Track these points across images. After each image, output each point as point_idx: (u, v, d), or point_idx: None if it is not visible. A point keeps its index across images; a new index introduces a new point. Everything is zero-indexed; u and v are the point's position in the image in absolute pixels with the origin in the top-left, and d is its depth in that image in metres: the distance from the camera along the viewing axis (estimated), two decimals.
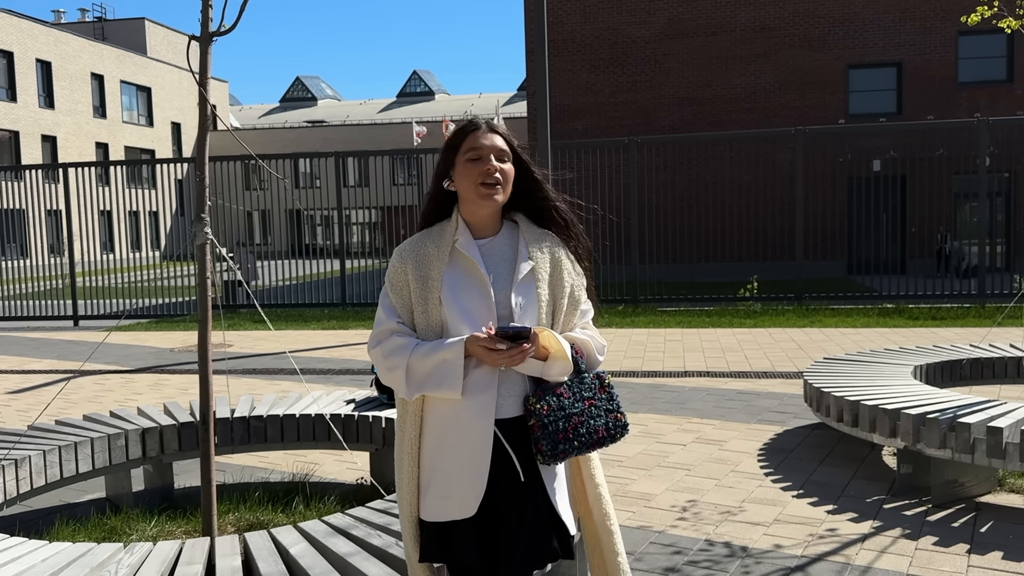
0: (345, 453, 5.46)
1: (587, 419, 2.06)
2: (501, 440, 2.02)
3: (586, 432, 2.05)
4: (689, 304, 14.28)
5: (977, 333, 10.09)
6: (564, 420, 2.02)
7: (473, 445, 2.01)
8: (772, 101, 21.26)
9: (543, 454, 2.02)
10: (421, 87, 69.40)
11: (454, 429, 2.03)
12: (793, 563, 3.70)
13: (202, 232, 3.77)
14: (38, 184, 15.40)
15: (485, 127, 2.12)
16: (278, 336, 12.11)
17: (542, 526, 2.03)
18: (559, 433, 2.01)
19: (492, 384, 2.02)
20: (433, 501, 2.06)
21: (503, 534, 2.02)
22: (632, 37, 21.80)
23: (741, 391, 7.45)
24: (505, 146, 2.10)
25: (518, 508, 2.02)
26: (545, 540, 2.03)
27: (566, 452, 2.03)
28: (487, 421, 2.01)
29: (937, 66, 20.76)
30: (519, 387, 2.07)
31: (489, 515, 2.03)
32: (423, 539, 2.09)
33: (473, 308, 2.05)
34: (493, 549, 2.03)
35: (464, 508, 2.02)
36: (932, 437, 4.31)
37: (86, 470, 4.31)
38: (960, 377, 6.21)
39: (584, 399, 2.07)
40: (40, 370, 9.81)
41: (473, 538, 2.02)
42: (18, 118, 36.73)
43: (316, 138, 45.45)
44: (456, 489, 2.02)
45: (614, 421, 2.11)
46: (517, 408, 2.06)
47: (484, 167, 2.05)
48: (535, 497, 2.04)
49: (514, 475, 2.02)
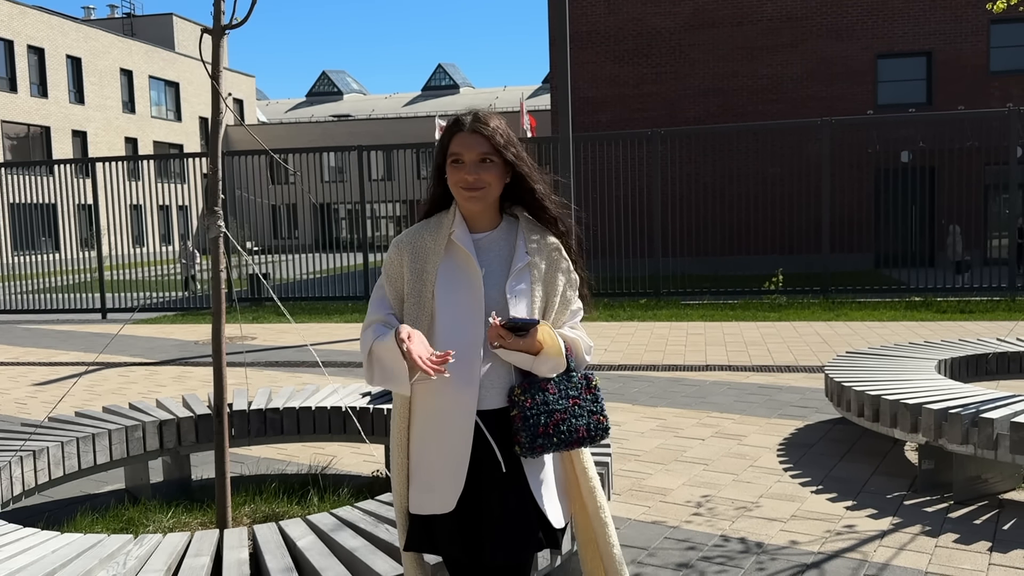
0: (363, 445, 5.48)
1: (569, 417, 2.05)
2: (483, 430, 2.02)
3: (567, 430, 2.04)
4: (712, 297, 14.16)
5: (1005, 327, 9.90)
6: (546, 415, 2.02)
7: (454, 439, 2.02)
8: (799, 92, 21.01)
9: (521, 445, 2.01)
10: (446, 80, 69.46)
11: (437, 422, 2.04)
12: (809, 560, 3.65)
13: (215, 225, 3.78)
14: (69, 179, 15.60)
15: (468, 128, 2.06)
16: (300, 329, 12.18)
17: (525, 517, 2.03)
18: (539, 427, 2.01)
19: (475, 379, 2.02)
20: (418, 494, 2.07)
21: (484, 524, 2.02)
22: (657, 28, 21.63)
23: (763, 385, 7.37)
24: (488, 147, 2.04)
25: (500, 498, 2.02)
26: (529, 530, 2.03)
27: (544, 447, 2.02)
28: (468, 415, 2.01)
29: (968, 55, 20.40)
30: (504, 379, 2.06)
31: (471, 507, 2.03)
32: (409, 530, 2.11)
33: (463, 302, 2.04)
34: (476, 540, 2.03)
35: (444, 503, 2.03)
36: (954, 432, 4.23)
37: (104, 461, 4.35)
38: (986, 372, 6.09)
39: (569, 397, 2.07)
40: (66, 362, 9.94)
41: (454, 530, 2.03)
42: (49, 113, 37.25)
43: (342, 132, 45.66)
44: (438, 482, 2.03)
45: (596, 423, 2.09)
46: (501, 399, 2.05)
47: (462, 175, 2.04)
48: (518, 488, 2.04)
49: (495, 466, 2.02)
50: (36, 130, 36.87)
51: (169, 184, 16.84)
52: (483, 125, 2.05)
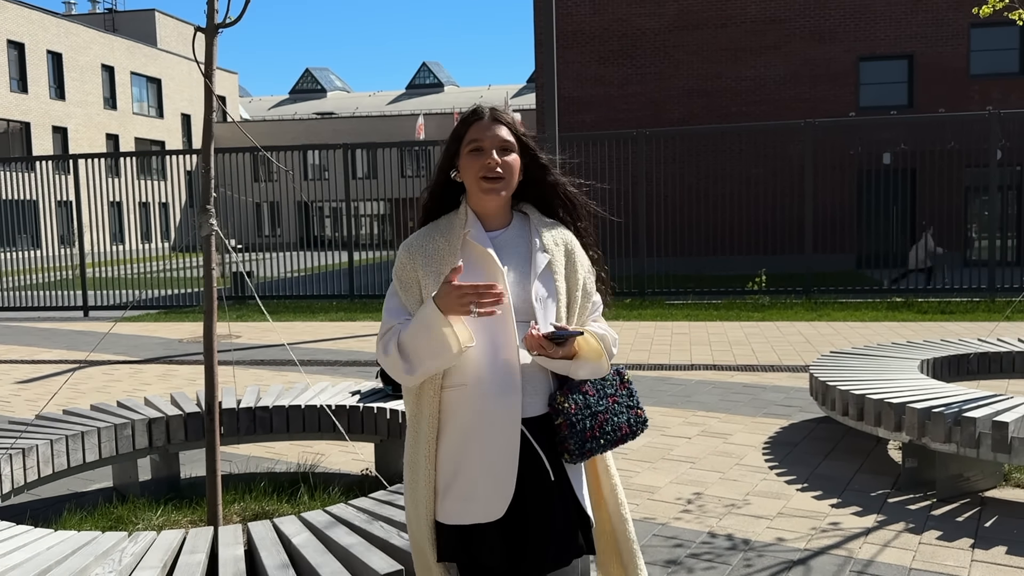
0: (351, 444, 5.48)
1: (611, 416, 2.02)
2: (530, 440, 1.97)
3: (611, 429, 2.02)
4: (697, 297, 14.25)
5: (986, 327, 10.04)
6: (591, 418, 1.98)
7: (500, 447, 1.94)
8: (782, 93, 21.16)
9: (570, 453, 1.98)
10: (430, 79, 69.36)
11: (479, 431, 1.96)
12: (795, 556, 3.70)
13: (207, 224, 3.79)
14: (49, 175, 15.47)
15: (489, 117, 2.03)
16: (285, 328, 12.14)
17: (570, 524, 2.00)
18: (587, 431, 1.97)
19: (518, 384, 1.95)
20: (455, 504, 1.98)
21: (532, 534, 1.97)
22: (642, 29, 21.71)
23: (747, 384, 7.44)
24: (509, 136, 2.02)
25: (548, 507, 1.98)
26: (572, 537, 2.00)
27: (592, 450, 1.99)
28: (514, 422, 1.95)
29: (949, 58, 20.62)
30: (543, 385, 2.01)
31: (516, 516, 1.97)
32: (441, 540, 2.02)
33: None
34: (518, 549, 1.97)
35: (490, 511, 1.95)
36: (937, 431, 4.30)
37: (93, 459, 4.35)
38: (967, 371, 6.18)
39: (607, 396, 2.04)
40: (49, 360, 9.87)
41: (499, 539, 1.96)
42: (29, 109, 36.89)
43: (325, 130, 45.49)
44: (481, 492, 1.95)
45: (635, 417, 2.08)
46: (542, 406, 2.00)
47: (485, 160, 1.98)
48: (563, 495, 2.01)
49: (542, 474, 1.97)
50: (16, 126, 36.49)
51: (150, 181, 16.68)
52: (503, 114, 2.04)
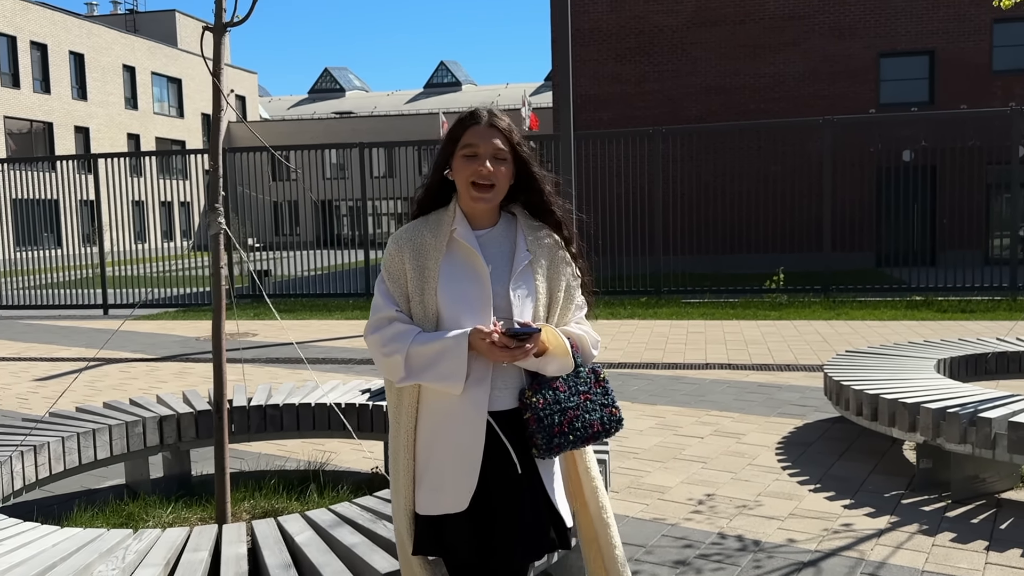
0: (362, 442, 5.49)
1: (582, 413, 2.04)
2: (497, 432, 2.00)
3: (581, 426, 2.03)
4: (713, 296, 14.16)
5: (1006, 326, 9.90)
6: (560, 414, 2.01)
7: (466, 437, 1.99)
8: (801, 90, 20.97)
9: (538, 448, 2.01)
10: (448, 78, 69.40)
11: (448, 421, 2.01)
12: (806, 558, 3.66)
13: (216, 222, 3.80)
14: (71, 175, 15.62)
15: (485, 122, 2.05)
16: (300, 326, 12.19)
17: (539, 518, 2.03)
18: (555, 427, 2.00)
19: (486, 377, 2.00)
20: (427, 494, 2.04)
21: (499, 527, 2.01)
22: (659, 26, 21.60)
23: (762, 384, 7.38)
24: (504, 144, 2.04)
25: (515, 501, 2.01)
26: (542, 532, 2.03)
27: (561, 446, 2.01)
28: (480, 413, 1.99)
29: (971, 54, 20.35)
30: (514, 380, 2.05)
31: (484, 508, 2.01)
32: (416, 532, 2.08)
33: (470, 298, 2.02)
34: (488, 542, 2.01)
35: (457, 502, 2.00)
36: (952, 432, 4.24)
37: (104, 457, 4.37)
38: (985, 371, 6.09)
39: (579, 393, 2.06)
40: (68, 358, 9.96)
41: (467, 532, 2.01)
42: (52, 110, 37.28)
43: (344, 129, 45.67)
44: (449, 482, 2.01)
45: (609, 415, 2.09)
46: (512, 401, 2.04)
47: (477, 167, 2.02)
48: (532, 490, 2.04)
49: (509, 468, 2.01)
50: (39, 126, 36.89)
51: (171, 180, 16.83)
52: (500, 120, 2.06)
